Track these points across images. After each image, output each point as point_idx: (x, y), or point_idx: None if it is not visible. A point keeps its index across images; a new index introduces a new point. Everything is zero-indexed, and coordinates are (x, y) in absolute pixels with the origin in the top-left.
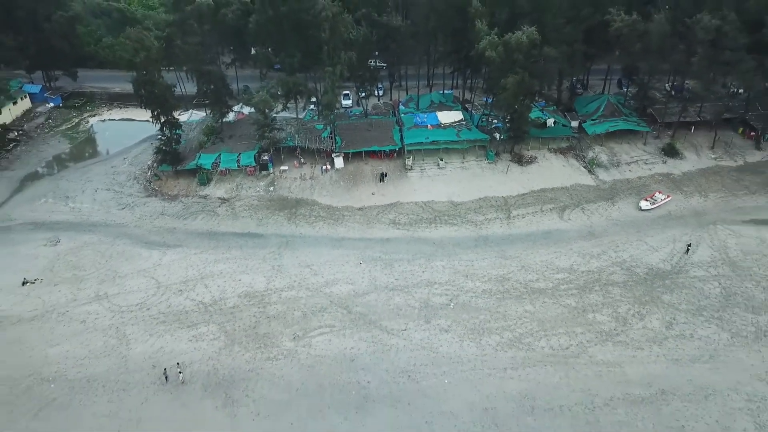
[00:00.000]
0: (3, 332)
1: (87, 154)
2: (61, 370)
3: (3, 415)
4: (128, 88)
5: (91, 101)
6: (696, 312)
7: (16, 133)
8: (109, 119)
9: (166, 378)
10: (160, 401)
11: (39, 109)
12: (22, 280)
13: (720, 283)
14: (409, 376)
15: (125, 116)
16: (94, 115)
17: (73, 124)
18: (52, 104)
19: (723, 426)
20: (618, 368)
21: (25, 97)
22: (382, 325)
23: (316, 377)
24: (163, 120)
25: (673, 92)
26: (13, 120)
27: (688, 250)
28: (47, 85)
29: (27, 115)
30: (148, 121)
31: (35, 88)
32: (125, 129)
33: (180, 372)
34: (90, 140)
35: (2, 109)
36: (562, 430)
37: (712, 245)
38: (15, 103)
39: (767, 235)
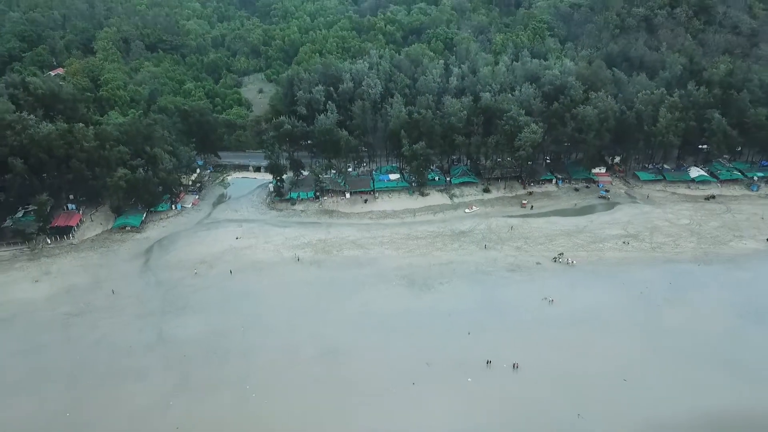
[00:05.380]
0: (239, 252)
1: (233, 194)
2: (262, 261)
3: (237, 275)
4: (244, 161)
5: (225, 169)
6: (471, 243)
7: (199, 184)
8: (236, 177)
9: (298, 260)
10: (296, 267)
11: (204, 173)
12: (236, 237)
13: (481, 234)
14: (376, 251)
15: (244, 176)
16: (229, 175)
17: (221, 180)
18: (209, 170)
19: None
20: (438, 258)
21: (198, 166)
22: (366, 247)
23: (346, 260)
24: (278, 178)
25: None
26: (195, 177)
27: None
28: (204, 160)
29: (199, 175)
30: (255, 178)
31: (200, 162)
32: (245, 182)
33: (299, 259)
34: (232, 187)
35: (195, 173)
36: (416, 274)
37: (486, 225)
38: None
39: (509, 221)
